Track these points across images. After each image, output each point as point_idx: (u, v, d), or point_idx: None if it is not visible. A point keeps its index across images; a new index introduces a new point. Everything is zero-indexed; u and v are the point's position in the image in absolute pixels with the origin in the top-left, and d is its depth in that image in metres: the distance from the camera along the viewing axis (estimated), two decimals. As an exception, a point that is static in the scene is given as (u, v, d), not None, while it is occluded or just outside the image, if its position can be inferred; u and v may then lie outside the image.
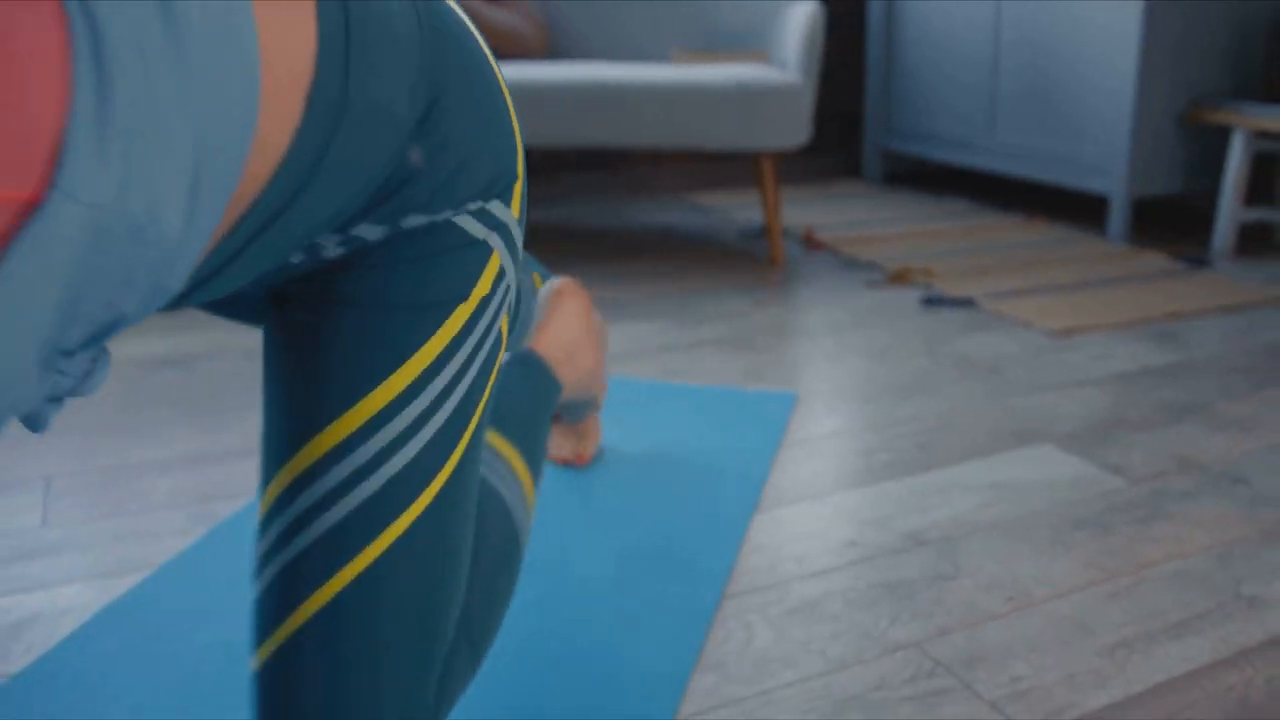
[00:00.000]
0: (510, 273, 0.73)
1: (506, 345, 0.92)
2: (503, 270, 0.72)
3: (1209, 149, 2.82)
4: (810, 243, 2.78)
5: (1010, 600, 1.14)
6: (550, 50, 2.96)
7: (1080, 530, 1.28)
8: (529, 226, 3.03)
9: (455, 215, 0.68)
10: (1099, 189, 2.81)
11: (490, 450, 0.92)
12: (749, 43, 2.82)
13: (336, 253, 0.66)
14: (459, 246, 0.68)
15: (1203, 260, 2.59)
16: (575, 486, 1.37)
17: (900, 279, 2.42)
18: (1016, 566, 1.20)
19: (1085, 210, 3.28)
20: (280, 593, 0.65)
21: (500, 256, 0.71)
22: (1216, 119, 2.67)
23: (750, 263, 2.59)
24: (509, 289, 0.73)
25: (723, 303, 2.24)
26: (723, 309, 2.20)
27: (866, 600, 1.13)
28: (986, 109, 3.16)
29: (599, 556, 1.20)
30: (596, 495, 1.34)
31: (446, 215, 0.68)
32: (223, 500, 1.34)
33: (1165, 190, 2.79)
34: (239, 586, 1.13)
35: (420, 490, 0.67)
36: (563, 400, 1.24)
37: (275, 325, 0.68)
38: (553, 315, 1.22)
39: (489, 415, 0.76)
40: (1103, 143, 2.78)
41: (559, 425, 1.41)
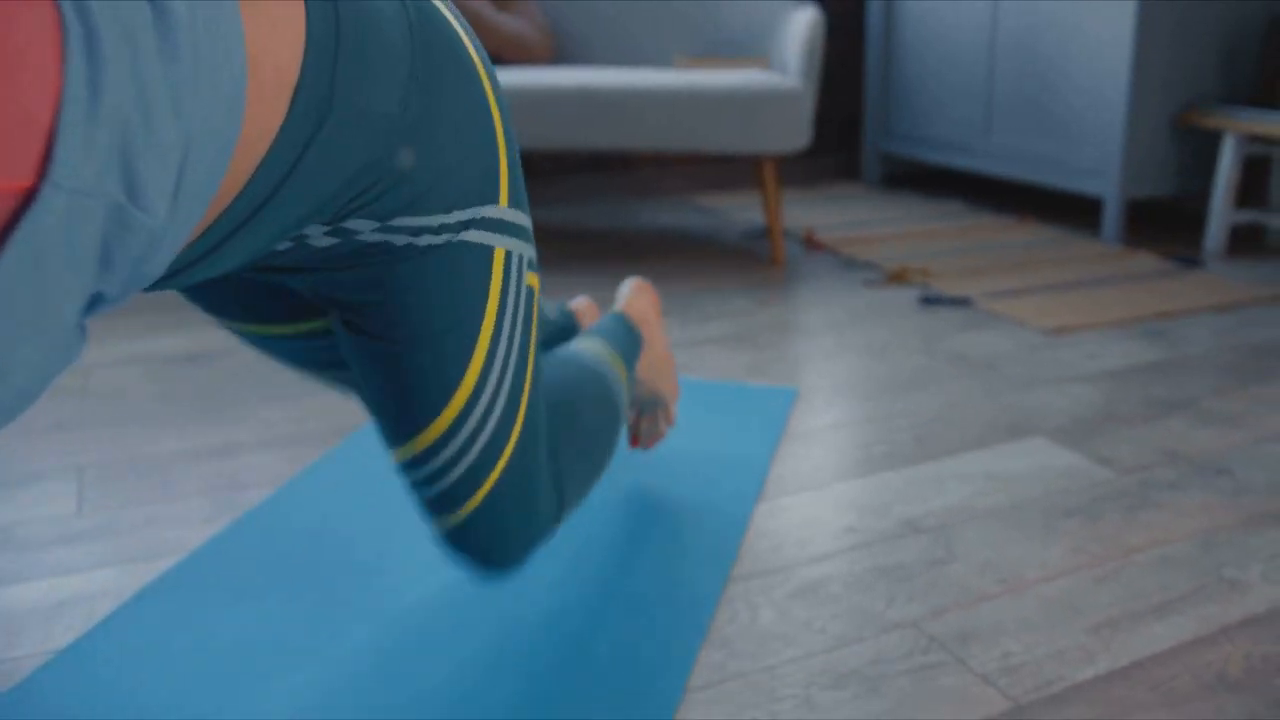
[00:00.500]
0: (515, 249, 0.82)
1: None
2: (508, 255, 0.81)
3: (1201, 152, 2.88)
4: (811, 243, 2.84)
5: (1002, 583, 1.19)
6: (555, 55, 3.01)
7: (1070, 518, 1.34)
8: (536, 228, 3.09)
9: (453, 235, 0.75)
10: (1093, 191, 2.87)
11: (596, 353, 1.16)
12: (750, 48, 2.87)
13: (326, 243, 0.71)
14: (468, 262, 0.77)
15: (1194, 261, 2.65)
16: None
17: (898, 279, 2.48)
18: (1009, 551, 1.26)
19: (1079, 211, 3.34)
20: (439, 505, 0.89)
21: (503, 248, 0.80)
22: (1208, 123, 2.72)
23: (752, 263, 2.65)
24: (520, 259, 0.84)
25: (726, 301, 2.30)
26: (726, 307, 2.25)
27: (865, 583, 1.19)
28: (983, 112, 3.22)
29: (612, 541, 1.25)
30: (609, 484, 1.40)
31: (440, 223, 0.74)
32: (246, 489, 1.39)
33: (1158, 192, 2.85)
34: (265, 570, 1.19)
35: (507, 437, 0.87)
36: (637, 390, 1.38)
37: (357, 346, 0.81)
38: (631, 298, 1.39)
39: (540, 347, 0.93)
40: (1097, 145, 2.84)
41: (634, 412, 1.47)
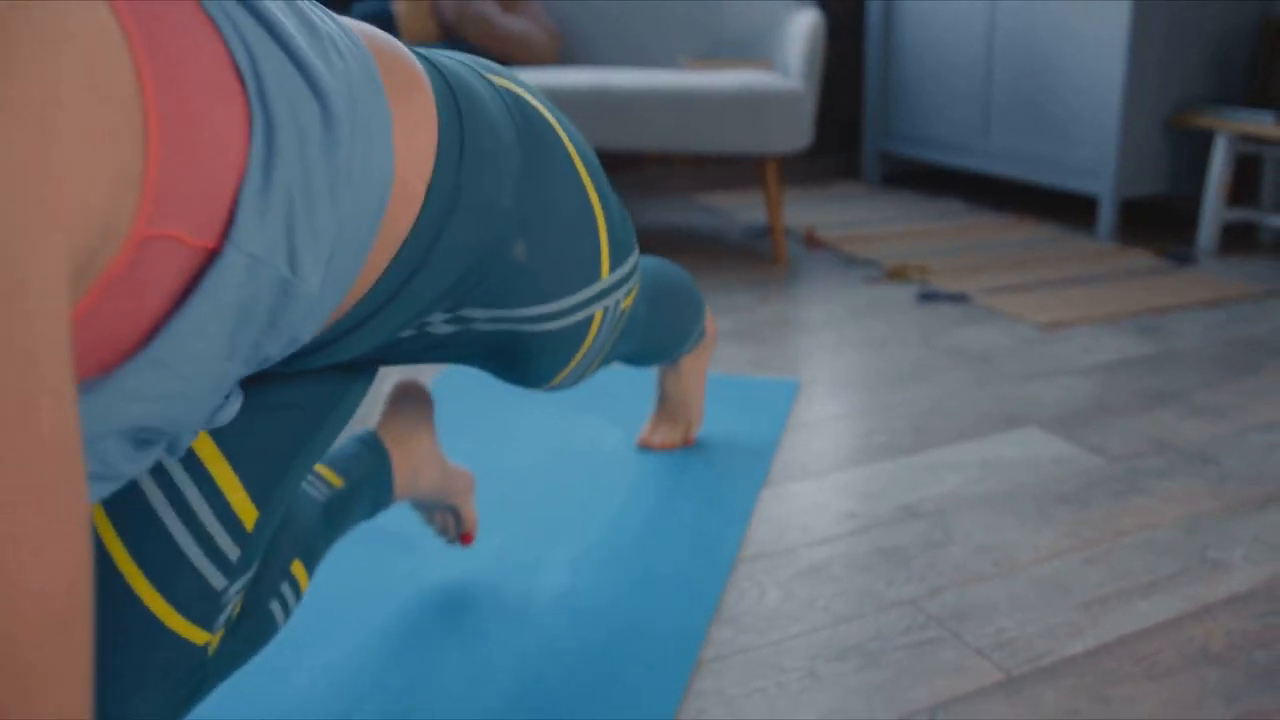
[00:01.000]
0: (614, 301, 0.88)
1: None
2: (605, 311, 0.87)
3: (1194, 151, 2.94)
4: (812, 242, 2.89)
5: (996, 564, 1.25)
6: (561, 57, 3.07)
7: (1061, 504, 1.40)
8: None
9: (561, 322, 0.82)
10: (1088, 190, 2.93)
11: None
12: (753, 50, 2.93)
13: (444, 330, 0.78)
14: (573, 332, 0.84)
15: (1187, 258, 2.71)
16: (605, 465, 1.48)
17: (897, 276, 2.54)
18: (1002, 535, 1.32)
19: (1074, 210, 3.40)
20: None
21: (601, 309, 0.86)
22: (1201, 123, 2.78)
23: (755, 260, 2.71)
24: (619, 304, 0.89)
25: (730, 298, 2.36)
26: (730, 304, 2.31)
27: (866, 564, 1.25)
28: (980, 113, 3.28)
29: (626, 525, 1.31)
30: (622, 472, 1.46)
31: (546, 312, 0.80)
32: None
33: (1152, 191, 2.91)
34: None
35: (595, 363, 0.95)
36: (669, 390, 1.51)
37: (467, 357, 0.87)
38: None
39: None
40: (1092, 145, 2.90)
41: (663, 413, 1.55)
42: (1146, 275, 2.57)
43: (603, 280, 0.85)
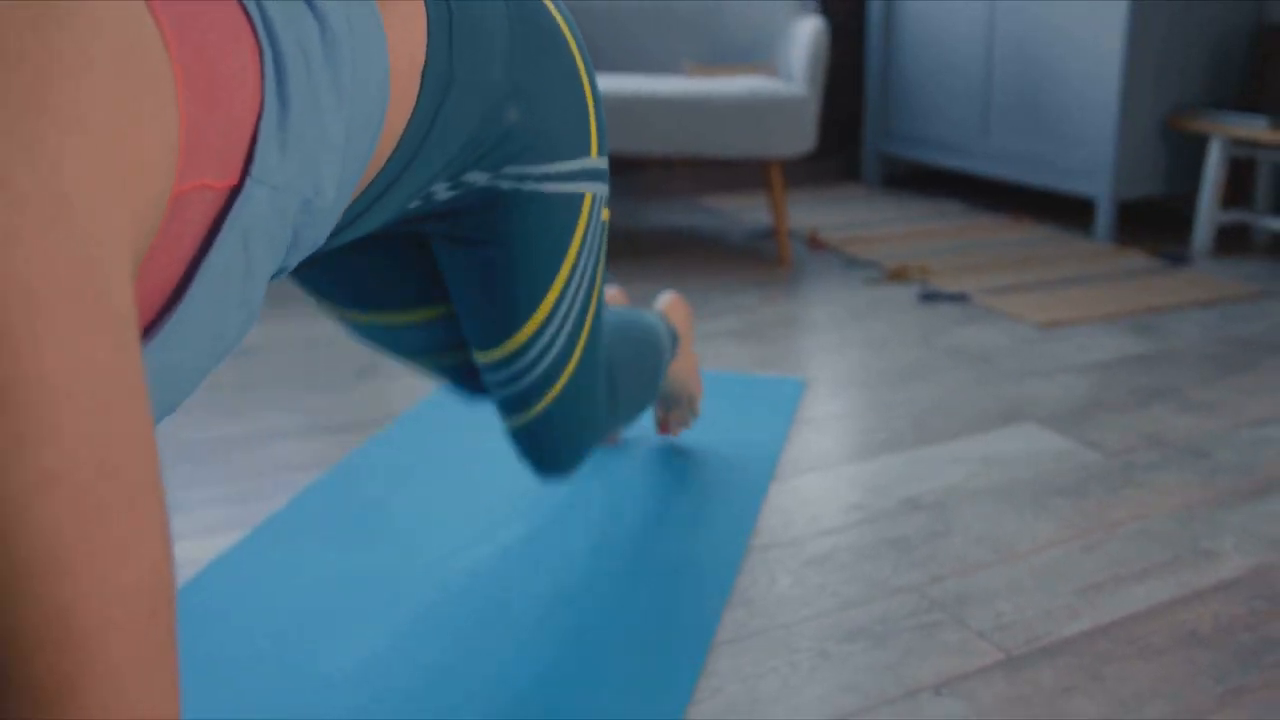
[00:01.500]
0: (600, 192, 0.96)
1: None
2: (595, 198, 0.95)
3: (1189, 154, 3.00)
4: (815, 243, 2.95)
5: (996, 553, 1.31)
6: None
7: (1059, 496, 1.46)
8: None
9: (553, 184, 0.88)
10: (1085, 191, 2.99)
11: (650, 317, 1.35)
12: (756, 56, 2.99)
13: (447, 195, 0.85)
14: (563, 205, 0.91)
15: (1182, 259, 2.77)
16: (621, 460, 1.54)
17: (898, 276, 2.60)
18: (1002, 525, 1.38)
19: (1072, 211, 3.46)
20: (513, 404, 1.05)
21: (590, 192, 0.94)
22: (1196, 127, 2.84)
23: (758, 261, 2.77)
24: (600, 199, 0.98)
25: (735, 298, 2.41)
26: (735, 304, 2.37)
27: (871, 553, 1.31)
28: (980, 116, 3.34)
29: (644, 516, 1.37)
30: (637, 468, 1.51)
31: (544, 173, 0.88)
32: (302, 470, 1.51)
33: (1148, 193, 2.97)
34: (326, 543, 1.30)
35: (574, 350, 1.03)
36: (669, 386, 1.54)
37: (455, 257, 0.95)
38: (669, 308, 1.54)
39: (604, 279, 1.09)
40: (1089, 148, 2.96)
41: (664, 402, 1.59)
42: (1142, 275, 2.63)
43: (592, 158, 0.92)
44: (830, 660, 1.09)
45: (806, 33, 2.72)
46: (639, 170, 3.68)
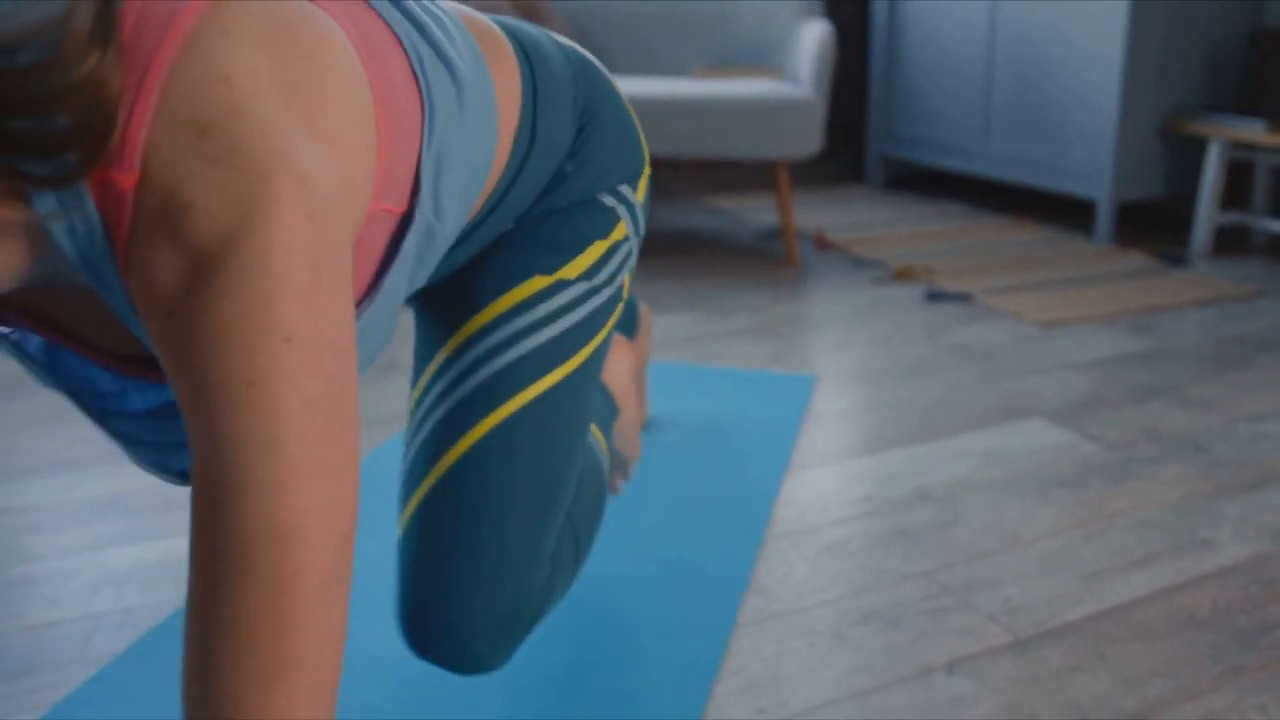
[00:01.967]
0: (632, 240, 0.94)
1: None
2: (627, 235, 0.93)
3: (1188, 156, 3.05)
4: (822, 244, 3.01)
5: (1002, 541, 1.36)
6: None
7: (1061, 488, 1.51)
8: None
9: (599, 194, 0.93)
10: (1086, 193, 3.04)
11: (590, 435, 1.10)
12: (764, 59, 3.04)
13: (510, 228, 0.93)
14: (594, 209, 0.90)
15: (1181, 259, 2.82)
16: (642, 455, 1.59)
17: (903, 276, 2.65)
18: (1007, 516, 1.43)
19: (1073, 213, 3.51)
20: (430, 444, 0.84)
21: (625, 223, 0.93)
22: (1195, 129, 2.90)
23: (766, 261, 2.82)
24: (630, 253, 0.93)
25: (744, 297, 2.47)
26: (745, 303, 2.42)
27: (882, 542, 1.36)
28: (981, 118, 3.39)
29: (665, 508, 1.42)
30: (655, 462, 1.57)
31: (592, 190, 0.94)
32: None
33: (1147, 194, 3.02)
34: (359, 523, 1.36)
35: (543, 373, 0.85)
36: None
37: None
38: (611, 364, 1.33)
39: (602, 360, 0.93)
40: (1089, 150, 3.02)
41: None
42: (1142, 276, 2.68)
43: (638, 198, 0.96)
44: (846, 642, 1.15)
45: (813, 37, 2.77)
46: (646, 171, 3.73)
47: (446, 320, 0.87)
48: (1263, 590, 1.25)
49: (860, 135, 4.06)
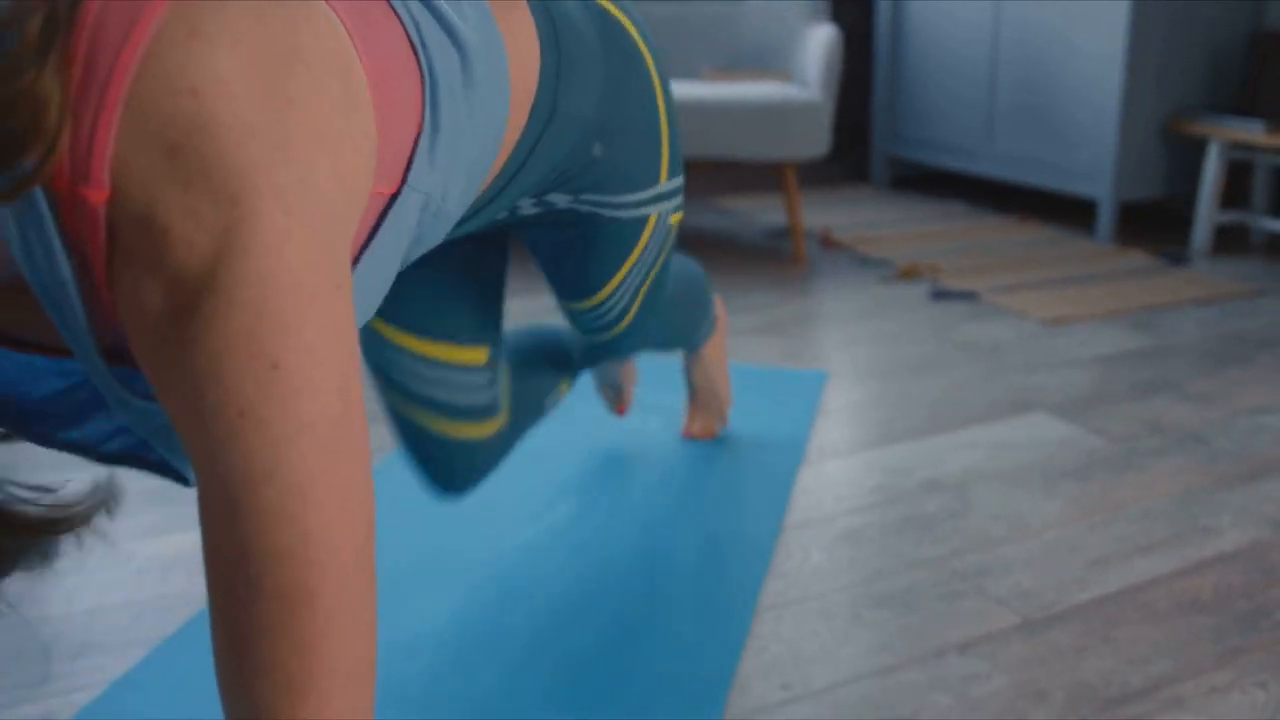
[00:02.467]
0: (664, 211, 1.04)
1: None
2: (660, 216, 1.04)
3: (1189, 157, 3.11)
4: (828, 243, 3.06)
5: (1010, 530, 1.41)
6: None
7: (1066, 479, 1.56)
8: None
9: (625, 211, 0.98)
10: (1087, 193, 3.09)
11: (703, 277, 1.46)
12: (772, 62, 3.10)
13: (531, 211, 0.95)
14: (629, 228, 1.01)
15: (1182, 258, 2.87)
16: (659, 450, 1.64)
17: (910, 275, 2.70)
18: (1015, 506, 1.48)
19: (1075, 212, 3.56)
20: (596, 331, 1.16)
21: (655, 214, 1.03)
22: (1195, 130, 2.95)
23: (774, 260, 2.87)
24: (667, 215, 1.06)
25: (753, 296, 2.52)
26: (753, 301, 2.47)
27: (896, 530, 1.41)
28: (985, 119, 3.44)
29: (686, 497, 1.48)
30: (676, 456, 1.62)
31: (618, 203, 0.97)
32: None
33: (1148, 194, 3.08)
34: (381, 526, 1.41)
35: (634, 304, 1.13)
36: (698, 380, 1.65)
37: (540, 235, 1.04)
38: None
39: (669, 255, 1.14)
40: (1091, 151, 3.07)
41: (696, 404, 1.69)
42: (1143, 274, 2.73)
43: (659, 185, 1.01)
44: (863, 624, 1.20)
45: (821, 40, 2.82)
46: (653, 172, 3.77)
47: (562, 293, 1.10)
48: (1263, 576, 1.30)
49: (865, 136, 4.11)
